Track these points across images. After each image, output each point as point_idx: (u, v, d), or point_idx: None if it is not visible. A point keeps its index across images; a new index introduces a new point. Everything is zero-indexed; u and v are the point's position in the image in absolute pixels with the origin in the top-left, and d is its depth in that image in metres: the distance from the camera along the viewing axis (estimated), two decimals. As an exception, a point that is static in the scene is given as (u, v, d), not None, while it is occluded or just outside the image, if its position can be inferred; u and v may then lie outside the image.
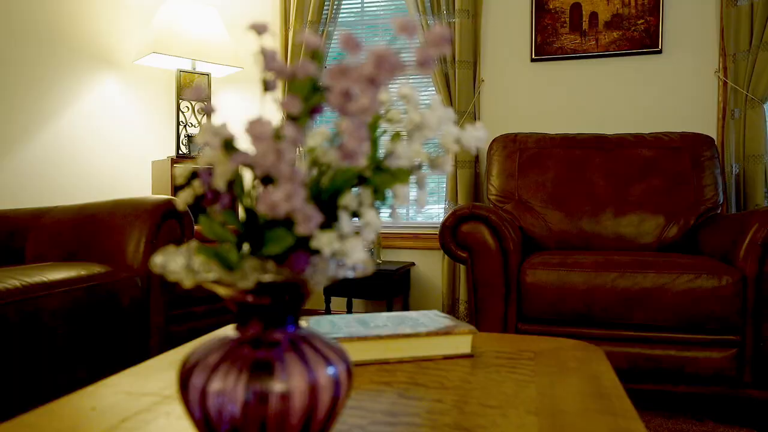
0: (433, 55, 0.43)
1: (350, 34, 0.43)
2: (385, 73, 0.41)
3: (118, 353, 1.59)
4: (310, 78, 0.47)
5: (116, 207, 1.75)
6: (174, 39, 2.97)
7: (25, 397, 1.28)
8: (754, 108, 2.71)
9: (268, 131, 0.40)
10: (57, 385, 1.37)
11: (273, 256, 0.48)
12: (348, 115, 0.41)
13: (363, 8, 3.43)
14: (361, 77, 0.41)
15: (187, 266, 0.47)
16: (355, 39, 0.43)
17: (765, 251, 1.81)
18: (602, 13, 2.96)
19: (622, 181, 2.54)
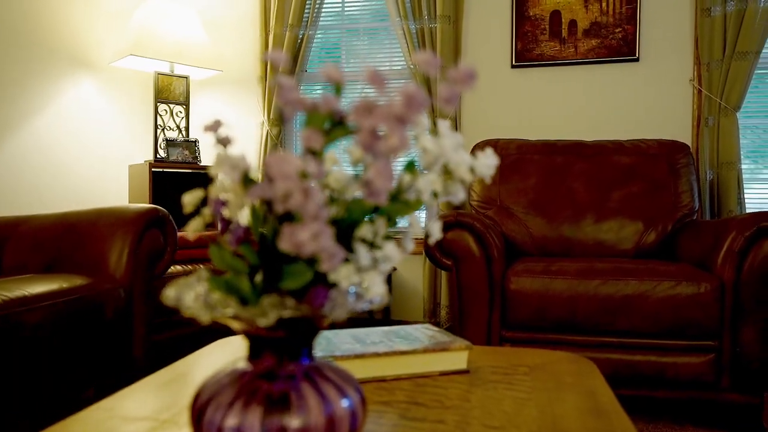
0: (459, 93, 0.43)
1: (375, 70, 0.43)
2: (414, 111, 0.41)
3: (102, 365, 1.56)
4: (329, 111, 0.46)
5: (98, 216, 1.71)
6: (152, 41, 2.92)
7: (6, 416, 1.25)
8: (727, 116, 2.78)
9: (294, 170, 0.40)
10: (40, 400, 1.33)
11: (291, 291, 0.48)
12: (376, 154, 0.41)
13: (344, 11, 3.42)
14: (390, 116, 0.40)
15: (205, 302, 0.47)
16: (380, 75, 0.43)
17: (742, 259, 1.86)
18: (581, 21, 3.00)
19: (602, 187, 2.58)
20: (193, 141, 3.12)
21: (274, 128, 3.29)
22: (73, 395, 1.44)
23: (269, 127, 3.29)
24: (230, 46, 3.47)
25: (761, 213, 1.89)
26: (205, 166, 3.13)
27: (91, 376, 1.51)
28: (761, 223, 1.85)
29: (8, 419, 1.25)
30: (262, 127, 3.32)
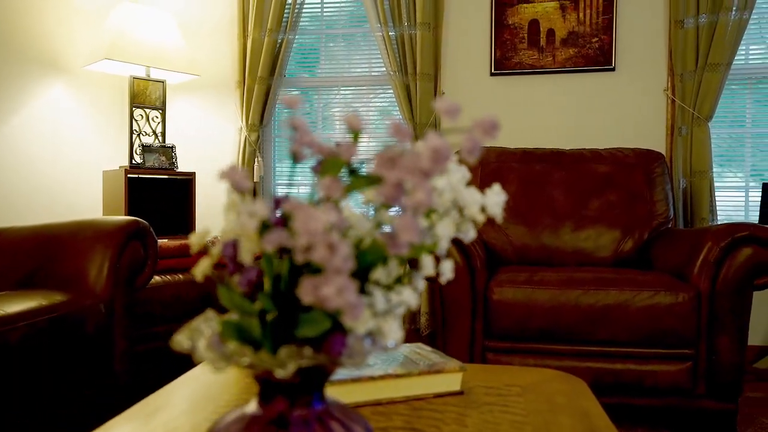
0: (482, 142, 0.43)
1: (400, 123, 0.42)
2: (440, 165, 0.41)
3: (83, 381, 1.52)
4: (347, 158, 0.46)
5: (77, 229, 1.67)
6: (127, 45, 2.86)
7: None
8: (699, 126, 2.85)
9: (321, 226, 0.39)
10: (19, 418, 1.29)
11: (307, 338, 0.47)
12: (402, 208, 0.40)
13: (323, 16, 3.40)
14: (416, 170, 0.40)
15: (221, 353, 0.46)
16: (405, 128, 0.43)
17: (717, 269, 1.91)
18: (559, 31, 3.04)
19: (581, 196, 2.62)
20: (170, 147, 3.07)
21: (252, 134, 3.25)
22: (53, 412, 1.41)
23: (247, 132, 3.25)
24: (208, 51, 3.42)
25: (735, 224, 1.94)
26: (182, 173, 3.08)
27: (71, 392, 1.47)
28: (736, 234, 1.90)
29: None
30: (240, 132, 3.28)
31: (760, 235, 1.88)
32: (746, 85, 2.97)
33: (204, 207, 3.34)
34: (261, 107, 3.25)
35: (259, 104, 3.24)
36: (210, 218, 3.40)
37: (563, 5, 3.04)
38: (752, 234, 1.89)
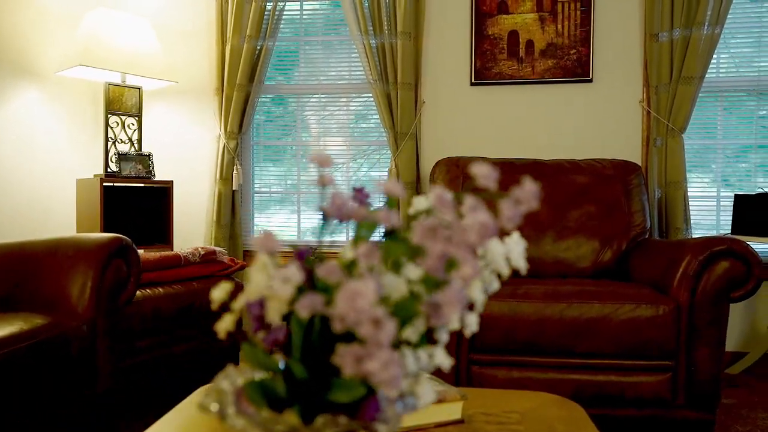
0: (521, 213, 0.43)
1: (444, 192, 0.42)
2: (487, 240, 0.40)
3: (66, 402, 1.48)
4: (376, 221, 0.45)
5: (57, 247, 1.63)
6: (102, 50, 2.80)
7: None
8: (674, 137, 2.91)
9: (368, 304, 0.38)
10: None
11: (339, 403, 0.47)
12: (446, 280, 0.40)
13: (302, 23, 3.38)
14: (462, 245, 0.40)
15: (253, 420, 0.45)
16: (450, 199, 0.42)
17: (696, 282, 1.95)
18: (538, 42, 3.08)
19: (561, 207, 2.65)
20: (147, 155, 3.01)
21: (231, 141, 3.21)
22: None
23: (226, 140, 3.21)
24: (185, 57, 3.37)
25: (713, 238, 1.99)
26: (159, 181, 3.02)
27: (54, 412, 1.43)
28: (713, 248, 1.95)
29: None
30: (219, 140, 3.24)
31: (737, 249, 1.94)
32: (717, 96, 3.05)
33: (181, 216, 3.28)
34: (240, 114, 3.21)
35: (238, 111, 3.20)
36: (188, 227, 3.34)
37: (542, 17, 3.08)
38: (729, 248, 1.94)
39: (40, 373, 1.37)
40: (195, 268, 2.46)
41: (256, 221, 3.46)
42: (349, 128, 3.35)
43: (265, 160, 3.45)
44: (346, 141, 3.36)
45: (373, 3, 3.09)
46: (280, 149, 3.43)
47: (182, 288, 2.34)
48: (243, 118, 3.23)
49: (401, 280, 0.50)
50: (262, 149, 3.44)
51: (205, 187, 3.32)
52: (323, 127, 3.38)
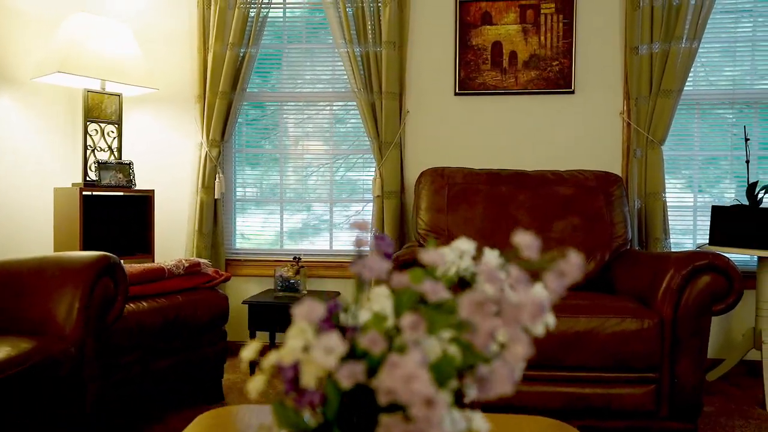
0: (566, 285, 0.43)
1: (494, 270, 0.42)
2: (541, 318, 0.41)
3: (53, 422, 1.45)
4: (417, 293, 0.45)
5: (41, 266, 1.59)
6: (82, 57, 2.74)
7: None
8: (653, 149, 2.97)
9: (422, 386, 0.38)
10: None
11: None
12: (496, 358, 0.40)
13: (285, 30, 3.36)
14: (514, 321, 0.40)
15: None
16: (500, 275, 0.43)
17: (679, 296, 2.00)
18: (521, 53, 3.11)
19: (545, 218, 2.69)
20: (127, 163, 2.95)
21: (213, 149, 3.17)
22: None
23: (208, 148, 3.17)
24: (166, 64, 3.31)
25: (695, 253, 2.04)
26: (140, 190, 2.97)
27: None
28: (696, 263, 2.00)
29: None
30: (201, 147, 3.19)
31: (718, 263, 1.99)
32: (694, 109, 3.12)
33: (162, 224, 3.23)
34: (222, 122, 3.18)
35: (221, 119, 3.17)
36: (169, 236, 3.29)
37: (525, 28, 3.11)
38: (711, 263, 1.99)
39: (28, 396, 1.34)
40: (179, 280, 2.42)
41: (238, 229, 3.42)
42: (329, 131, 3.34)
43: (248, 163, 3.41)
44: (327, 143, 3.35)
45: (358, 12, 3.08)
46: (261, 156, 3.40)
47: (166, 301, 2.30)
48: (225, 126, 3.19)
49: (437, 342, 0.50)
50: (244, 155, 3.41)
51: (186, 196, 3.27)
52: (304, 131, 3.36)
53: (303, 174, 3.38)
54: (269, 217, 3.41)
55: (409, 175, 3.18)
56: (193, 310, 2.37)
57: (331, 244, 3.36)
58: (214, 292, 2.52)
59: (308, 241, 3.38)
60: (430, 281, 0.46)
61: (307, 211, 3.39)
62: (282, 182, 3.39)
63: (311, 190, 3.38)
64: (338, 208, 3.36)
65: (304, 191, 3.39)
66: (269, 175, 3.41)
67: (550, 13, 3.10)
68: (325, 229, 3.37)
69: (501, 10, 3.12)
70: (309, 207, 3.39)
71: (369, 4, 3.08)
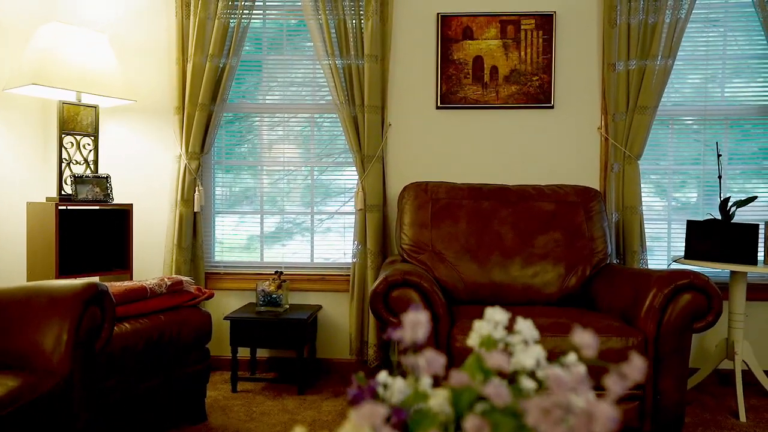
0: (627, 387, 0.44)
1: (562, 378, 0.43)
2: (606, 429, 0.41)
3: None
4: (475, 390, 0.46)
5: (26, 296, 1.54)
6: (57, 68, 2.66)
7: None
8: (630, 164, 3.04)
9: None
10: None
11: None
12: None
13: (266, 42, 3.32)
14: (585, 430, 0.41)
15: None
16: (568, 382, 0.43)
17: (662, 315, 2.05)
18: (502, 68, 3.15)
19: (527, 233, 2.72)
20: (105, 177, 2.88)
21: (192, 162, 3.12)
22: None
23: (187, 160, 3.12)
24: (145, 75, 3.25)
25: (677, 272, 2.10)
26: (118, 204, 2.91)
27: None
28: (677, 282, 2.06)
29: None
30: (180, 160, 3.14)
31: (698, 283, 2.05)
32: (668, 124, 3.21)
33: (140, 237, 3.17)
34: (202, 134, 3.13)
35: (200, 131, 3.12)
36: (147, 250, 3.23)
37: (506, 44, 3.15)
38: (691, 282, 2.05)
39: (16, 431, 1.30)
40: (161, 299, 2.37)
41: (217, 242, 3.38)
42: (310, 143, 3.32)
43: (227, 175, 3.37)
44: (308, 154, 3.33)
45: (340, 25, 3.08)
46: (241, 168, 3.36)
47: (149, 322, 2.25)
48: (205, 138, 3.15)
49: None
50: (223, 167, 3.36)
51: (164, 209, 3.21)
52: (284, 143, 3.34)
53: (283, 185, 3.36)
54: (249, 229, 3.37)
55: (391, 188, 3.19)
56: (176, 330, 2.33)
57: (312, 257, 3.35)
58: (197, 311, 2.48)
59: (289, 252, 3.35)
60: (494, 383, 0.47)
61: (288, 224, 3.37)
62: (262, 194, 3.36)
63: (291, 202, 3.36)
64: (319, 220, 3.34)
65: (284, 203, 3.36)
66: (249, 188, 3.37)
67: (530, 29, 3.14)
68: (306, 241, 3.35)
69: (482, 25, 3.15)
70: (290, 219, 3.36)
71: (351, 17, 3.07)
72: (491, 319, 0.68)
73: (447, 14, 3.15)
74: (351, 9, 3.07)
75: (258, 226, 3.37)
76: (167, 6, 3.20)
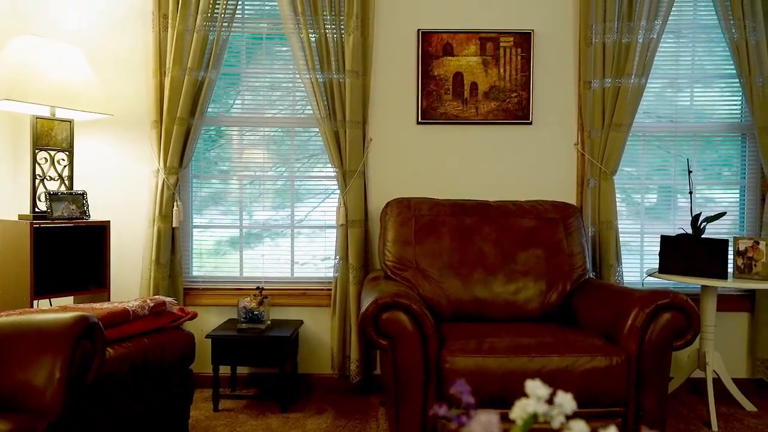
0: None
1: None
2: None
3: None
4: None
5: (16, 331, 1.49)
6: (30, 83, 2.59)
7: None
8: (606, 179, 3.12)
9: None
10: None
11: None
12: None
13: (247, 56, 3.29)
14: None
15: None
16: None
17: (644, 334, 2.12)
18: (481, 84, 3.19)
19: (509, 250, 2.77)
20: (81, 194, 2.81)
21: (171, 176, 3.07)
22: None
23: (165, 175, 3.06)
24: (121, 88, 3.17)
25: (657, 292, 2.17)
26: (95, 222, 2.84)
27: None
28: (658, 302, 2.13)
29: None
30: (158, 174, 3.08)
31: (678, 302, 2.12)
32: (640, 140, 3.30)
33: (117, 254, 3.10)
34: (180, 148, 3.08)
35: (179, 145, 3.07)
36: (124, 266, 3.16)
37: (485, 60, 3.19)
38: (672, 302, 2.12)
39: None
40: (144, 322, 2.33)
41: (195, 257, 3.33)
42: (289, 156, 3.31)
43: (205, 189, 3.33)
44: (287, 167, 3.31)
45: (321, 40, 3.07)
46: (220, 182, 3.32)
47: (133, 346, 2.21)
48: (184, 152, 3.10)
49: None
50: (201, 181, 3.32)
51: (141, 224, 3.15)
52: (263, 155, 3.32)
53: (263, 200, 3.33)
54: (228, 244, 3.34)
55: (373, 203, 3.20)
56: (160, 353, 2.29)
57: (292, 271, 3.33)
58: (181, 332, 2.45)
59: (270, 266, 3.33)
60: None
61: (267, 238, 3.34)
62: (241, 208, 3.32)
63: (271, 215, 3.33)
64: (299, 235, 3.33)
65: (263, 216, 3.33)
66: (227, 202, 3.33)
67: (509, 47, 3.19)
68: (286, 255, 3.33)
69: (462, 42, 3.19)
70: (269, 233, 3.34)
71: (332, 32, 3.07)
72: (533, 394, 0.70)
73: (428, 31, 3.18)
74: (332, 24, 3.07)
75: (237, 240, 3.33)
76: (144, 18, 3.14)
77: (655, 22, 3.08)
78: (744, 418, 2.77)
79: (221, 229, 3.33)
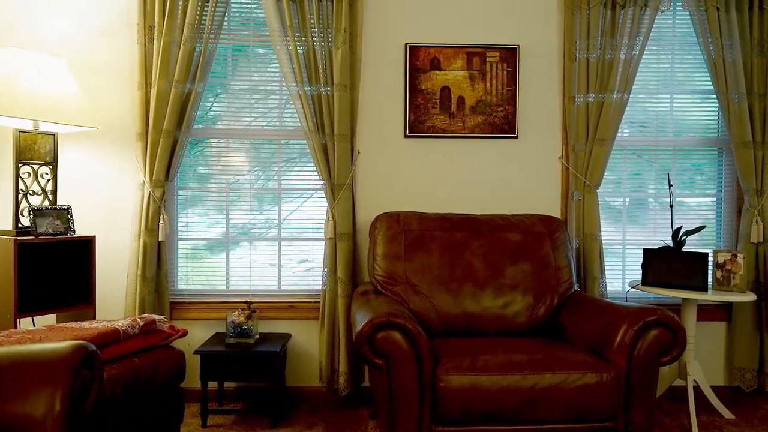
0: None
1: None
2: None
3: None
4: None
5: (13, 362, 1.47)
6: (12, 97, 2.53)
7: None
8: (590, 193, 3.18)
9: None
10: None
11: None
12: None
13: (233, 69, 3.27)
14: None
15: None
16: None
17: (632, 350, 2.17)
18: (468, 98, 3.23)
19: (498, 264, 2.81)
20: (66, 209, 2.76)
21: (157, 190, 3.03)
22: None
23: (151, 188, 3.02)
24: (106, 101, 3.12)
25: (645, 309, 2.23)
26: (80, 237, 2.79)
27: None
28: (646, 318, 2.19)
29: None
30: (143, 187, 3.04)
31: (665, 319, 2.18)
32: (622, 154, 3.38)
33: (102, 268, 3.06)
34: (167, 162, 3.04)
35: (165, 158, 3.03)
36: (109, 280, 3.12)
37: (472, 75, 3.23)
38: (659, 318, 2.18)
39: None
40: (135, 341, 2.30)
41: (181, 271, 3.29)
42: (276, 167, 3.30)
43: (191, 202, 3.29)
44: (274, 179, 3.30)
45: (309, 54, 3.07)
46: (206, 195, 3.29)
47: (124, 367, 2.18)
48: (170, 165, 3.06)
49: None
50: (187, 193, 3.28)
51: (126, 238, 3.11)
52: (250, 168, 3.30)
53: (250, 212, 3.31)
54: (215, 257, 3.31)
55: (360, 215, 3.21)
56: (152, 373, 2.27)
57: (279, 284, 3.32)
58: (171, 350, 2.43)
59: (256, 279, 3.31)
60: None
61: (254, 251, 3.32)
62: (228, 221, 3.30)
63: (258, 229, 3.32)
64: (287, 247, 3.32)
65: (250, 231, 3.32)
66: (214, 214, 3.31)
67: (495, 62, 3.23)
68: (273, 268, 3.31)
69: (449, 56, 3.22)
70: (256, 246, 3.32)
71: (320, 45, 3.07)
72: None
73: (415, 45, 3.20)
74: (320, 37, 3.07)
75: (223, 253, 3.31)
76: (129, 29, 3.10)
77: (636, 38, 3.16)
78: (723, 426, 2.86)
79: (207, 241, 3.30)
